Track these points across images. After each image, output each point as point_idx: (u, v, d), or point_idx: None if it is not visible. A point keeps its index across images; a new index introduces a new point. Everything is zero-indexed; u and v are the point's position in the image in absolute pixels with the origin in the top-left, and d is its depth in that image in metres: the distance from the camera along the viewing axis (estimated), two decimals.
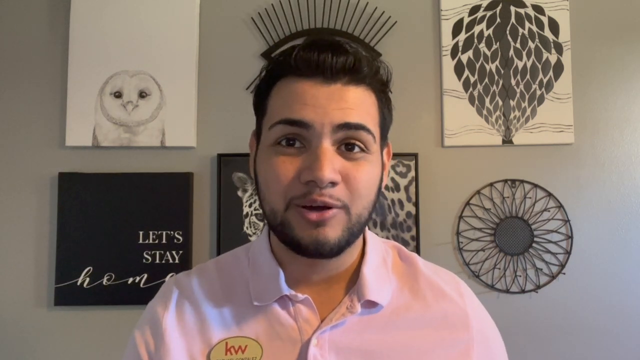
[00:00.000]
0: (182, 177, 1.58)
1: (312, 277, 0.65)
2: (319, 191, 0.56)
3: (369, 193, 0.60)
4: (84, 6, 1.60)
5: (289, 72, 0.60)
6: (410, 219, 1.58)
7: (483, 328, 0.67)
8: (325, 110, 0.57)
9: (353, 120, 0.58)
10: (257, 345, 0.61)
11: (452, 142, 1.61)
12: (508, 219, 1.60)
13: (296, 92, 0.59)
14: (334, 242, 0.58)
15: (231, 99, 1.62)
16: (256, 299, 0.63)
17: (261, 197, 0.62)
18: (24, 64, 1.63)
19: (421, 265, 0.70)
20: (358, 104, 0.59)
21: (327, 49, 0.59)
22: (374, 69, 0.62)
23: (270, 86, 0.62)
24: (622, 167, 1.62)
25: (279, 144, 0.59)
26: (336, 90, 0.58)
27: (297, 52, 0.59)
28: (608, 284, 1.58)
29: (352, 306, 0.62)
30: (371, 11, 1.63)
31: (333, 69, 0.58)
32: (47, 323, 1.56)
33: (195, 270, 0.71)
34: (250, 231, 1.58)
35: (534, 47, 1.64)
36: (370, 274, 0.65)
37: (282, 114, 0.59)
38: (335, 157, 0.57)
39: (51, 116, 1.62)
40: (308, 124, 0.57)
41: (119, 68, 1.60)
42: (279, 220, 0.59)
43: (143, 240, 1.56)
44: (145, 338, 0.64)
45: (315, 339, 0.60)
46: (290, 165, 0.57)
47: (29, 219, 1.60)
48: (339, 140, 0.58)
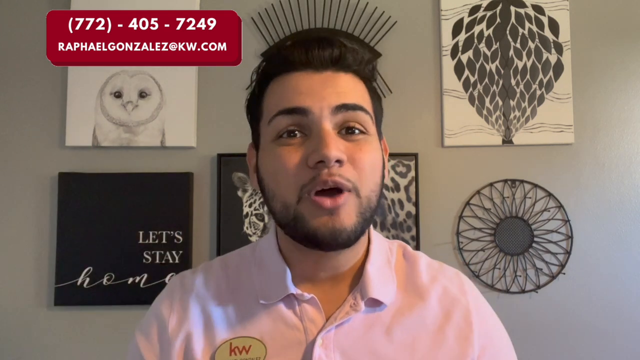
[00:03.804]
0: (182, 177, 1.58)
1: (319, 275, 0.64)
2: (327, 172, 0.56)
3: (374, 174, 0.60)
4: (83, 5, 1.60)
5: (280, 70, 0.62)
6: (410, 219, 1.58)
7: (486, 325, 0.67)
8: (321, 94, 0.59)
9: (349, 101, 0.59)
10: (261, 345, 0.61)
11: (452, 142, 1.61)
12: (508, 219, 1.60)
13: (290, 84, 0.60)
14: (350, 229, 0.58)
15: (231, 99, 1.62)
16: (262, 298, 0.63)
17: (270, 196, 0.61)
18: (24, 63, 1.63)
19: (424, 264, 0.70)
20: (351, 88, 0.61)
21: (314, 43, 0.61)
22: (359, 59, 0.63)
23: (263, 88, 0.64)
24: (622, 167, 1.62)
25: (280, 137, 0.59)
26: (328, 77, 0.60)
27: (285, 50, 0.62)
28: (608, 284, 1.58)
29: (356, 304, 0.62)
30: (371, 11, 1.63)
31: (321, 60, 0.60)
32: (47, 323, 1.56)
33: (201, 268, 0.71)
34: (250, 231, 1.58)
35: (534, 47, 1.63)
36: (374, 273, 0.65)
37: (279, 106, 0.60)
38: (337, 139, 0.58)
39: (51, 116, 1.62)
40: (307, 110, 0.58)
41: (118, 68, 1.60)
42: (292, 215, 0.59)
43: (143, 240, 1.56)
44: (151, 342, 0.64)
45: (321, 339, 0.60)
46: (295, 154, 0.58)
47: (29, 219, 1.60)
48: (338, 124, 0.59)
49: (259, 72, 0.65)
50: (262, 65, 0.66)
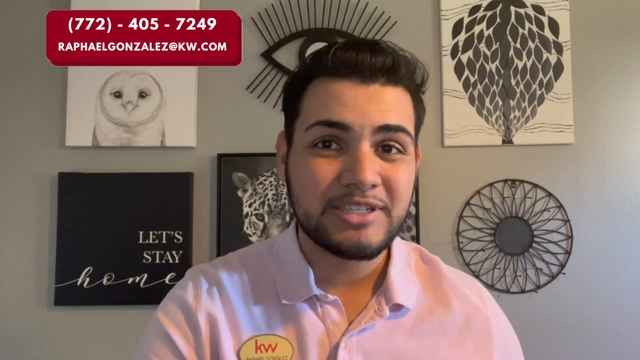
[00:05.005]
0: (182, 177, 1.58)
1: (340, 278, 0.64)
2: (360, 193, 0.55)
3: (408, 194, 0.59)
4: (83, 5, 1.60)
5: (324, 73, 0.59)
6: (410, 219, 1.58)
7: (504, 334, 0.67)
8: (365, 111, 0.56)
9: (393, 122, 0.57)
10: (287, 344, 0.60)
11: (452, 142, 1.61)
12: (508, 219, 1.60)
13: (334, 93, 0.57)
14: (376, 245, 0.57)
15: (231, 99, 1.62)
16: (284, 297, 0.62)
17: (294, 200, 0.60)
18: (24, 63, 1.63)
19: (444, 269, 0.70)
20: (396, 105, 0.58)
21: (365, 48, 0.57)
22: (412, 70, 0.60)
23: (305, 86, 0.61)
24: (622, 167, 1.62)
25: (315, 145, 0.57)
26: (374, 91, 0.57)
27: (334, 52, 0.58)
28: (608, 284, 1.58)
29: (381, 309, 0.61)
30: (371, 11, 1.63)
31: (372, 69, 0.57)
32: (47, 323, 1.56)
33: (219, 262, 0.68)
34: (250, 231, 1.58)
35: (534, 47, 1.63)
36: (397, 277, 0.64)
37: (319, 115, 0.57)
38: (374, 159, 0.56)
39: (51, 116, 1.62)
40: (348, 126, 0.55)
41: (118, 68, 1.60)
42: (314, 225, 0.58)
43: (143, 240, 1.56)
44: (182, 329, 0.60)
45: (344, 343, 0.59)
46: (329, 167, 0.56)
47: (29, 219, 1.59)
48: (377, 142, 0.57)
49: (302, 68, 0.62)
50: (308, 61, 0.62)
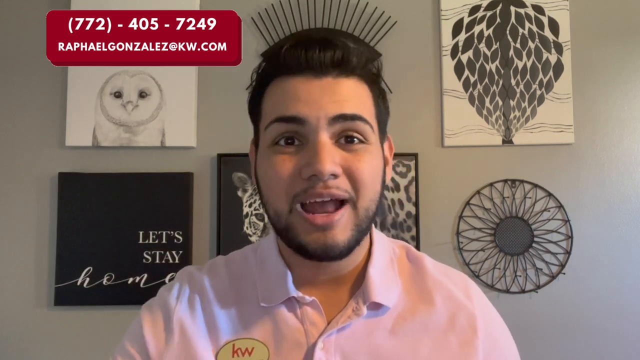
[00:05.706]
0: (182, 177, 1.58)
1: (319, 279, 0.64)
2: (322, 185, 0.56)
3: (373, 183, 0.59)
4: (83, 5, 1.60)
5: (279, 72, 0.60)
6: (410, 219, 1.58)
7: (492, 330, 0.66)
8: (319, 103, 0.57)
9: (348, 111, 0.57)
10: (264, 348, 0.60)
11: (452, 142, 1.61)
12: (508, 219, 1.60)
13: (288, 90, 0.59)
14: (343, 244, 0.57)
15: (231, 99, 1.62)
16: (263, 300, 0.63)
17: (264, 201, 0.61)
18: (24, 63, 1.63)
19: (429, 266, 0.69)
20: (352, 95, 0.59)
21: (315, 44, 0.59)
22: (363, 60, 0.61)
23: (263, 89, 0.62)
24: (622, 167, 1.62)
25: (277, 143, 0.59)
26: (328, 84, 0.58)
27: (284, 51, 0.59)
28: (608, 284, 1.58)
29: (358, 308, 0.61)
30: (371, 11, 1.63)
31: (322, 64, 0.58)
32: (47, 323, 1.56)
33: (207, 267, 0.70)
34: (250, 231, 1.58)
35: (534, 47, 1.63)
36: (376, 275, 0.64)
37: (276, 112, 0.58)
38: (334, 149, 0.57)
39: (51, 116, 1.62)
40: (303, 119, 0.57)
41: (118, 68, 1.60)
42: (284, 224, 0.59)
43: (143, 240, 1.56)
44: (157, 329, 0.63)
45: (322, 343, 0.59)
46: (289, 163, 0.57)
47: (29, 219, 1.60)
48: (336, 133, 0.58)
49: (259, 73, 0.64)
50: (262, 65, 0.64)
